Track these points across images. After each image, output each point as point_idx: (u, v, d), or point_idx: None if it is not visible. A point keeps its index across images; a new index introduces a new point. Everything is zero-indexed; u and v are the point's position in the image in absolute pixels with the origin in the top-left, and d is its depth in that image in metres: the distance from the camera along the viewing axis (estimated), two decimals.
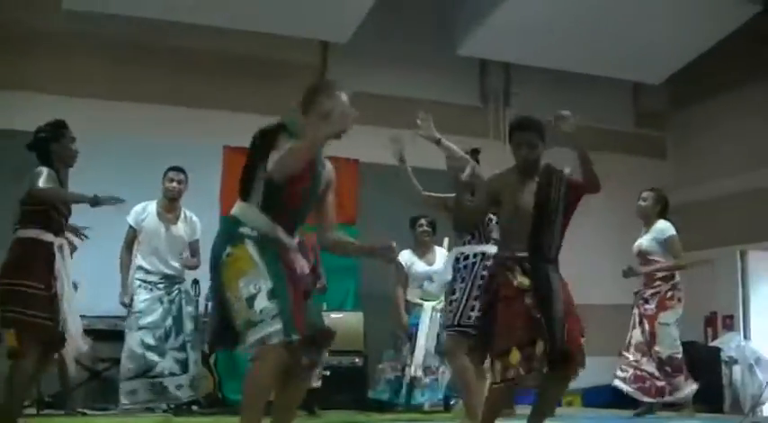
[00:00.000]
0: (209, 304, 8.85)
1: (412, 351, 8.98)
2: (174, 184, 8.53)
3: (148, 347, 8.18)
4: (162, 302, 8.35)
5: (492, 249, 6.06)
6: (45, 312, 6.22)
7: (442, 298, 8.63)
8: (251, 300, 4.30)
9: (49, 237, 6.36)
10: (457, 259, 6.54)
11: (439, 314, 8.74)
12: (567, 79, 12.46)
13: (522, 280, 5.21)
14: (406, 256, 9.24)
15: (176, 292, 8.47)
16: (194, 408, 8.67)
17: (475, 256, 6.39)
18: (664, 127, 14.27)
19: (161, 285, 8.41)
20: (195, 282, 8.90)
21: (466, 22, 11.79)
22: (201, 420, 8.12)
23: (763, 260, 12.68)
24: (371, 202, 11.09)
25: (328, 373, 8.92)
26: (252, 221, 4.47)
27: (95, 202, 6.33)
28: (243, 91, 10.91)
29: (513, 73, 12.91)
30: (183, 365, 8.29)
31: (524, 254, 5.28)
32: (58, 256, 6.39)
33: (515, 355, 5.02)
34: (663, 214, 8.58)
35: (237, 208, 4.58)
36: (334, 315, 9.62)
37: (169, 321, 8.33)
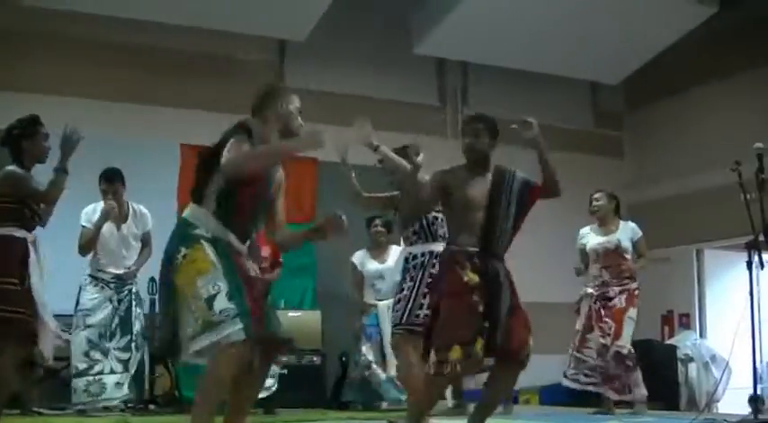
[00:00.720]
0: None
1: (379, 350, 9.03)
2: (108, 197, 8.37)
3: (93, 346, 8.14)
4: (111, 302, 8.28)
5: (440, 247, 6.03)
6: (21, 307, 6.19)
7: None
8: (210, 300, 4.24)
9: (22, 233, 6.33)
10: (406, 260, 6.55)
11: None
12: (525, 78, 12.52)
13: (471, 276, 5.21)
14: (359, 256, 9.25)
15: (126, 292, 8.38)
16: (151, 407, 8.62)
17: (423, 255, 6.39)
18: (621, 126, 14.36)
19: (112, 285, 8.33)
20: (152, 279, 8.84)
21: (423, 21, 11.81)
22: (158, 419, 8.06)
23: (719, 259, 12.76)
24: (330, 202, 11.03)
25: (286, 371, 8.90)
26: (204, 224, 4.44)
27: (66, 160, 6.33)
28: (200, 89, 10.86)
29: (471, 72, 12.93)
30: (125, 365, 8.23)
31: (474, 249, 5.30)
32: (32, 251, 6.37)
33: (456, 352, 5.03)
34: (617, 212, 8.63)
35: (189, 210, 4.54)
36: (291, 314, 9.61)
37: (116, 321, 8.25)
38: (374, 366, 9.08)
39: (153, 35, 10.74)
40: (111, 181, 8.37)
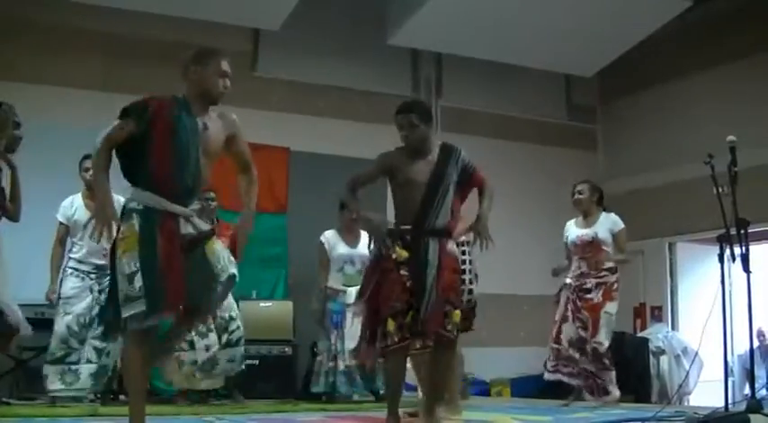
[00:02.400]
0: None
1: (341, 339, 8.87)
2: (90, 173, 8.34)
3: (72, 333, 8.07)
4: (92, 291, 8.21)
5: None
6: None
7: None
8: (131, 276, 4.48)
9: None
10: None
11: None
12: (498, 70, 12.50)
13: (400, 252, 5.44)
14: (330, 237, 9.06)
15: (107, 281, 8.31)
16: (122, 397, 8.55)
17: None
18: (595, 119, 14.38)
19: (93, 275, 8.25)
20: None
21: (397, 12, 11.76)
22: (127, 409, 7.99)
23: (691, 252, 12.81)
24: (302, 190, 11.04)
25: (257, 362, 8.86)
26: (137, 197, 4.67)
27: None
28: (174, 77, 10.75)
29: (445, 63, 12.89)
30: (99, 354, 8.15)
31: (407, 226, 5.51)
32: None
33: (390, 324, 5.31)
34: (600, 203, 8.57)
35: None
36: (263, 304, 9.57)
37: (95, 310, 8.19)
38: (342, 357, 8.91)
39: (125, 23, 10.65)
40: None
